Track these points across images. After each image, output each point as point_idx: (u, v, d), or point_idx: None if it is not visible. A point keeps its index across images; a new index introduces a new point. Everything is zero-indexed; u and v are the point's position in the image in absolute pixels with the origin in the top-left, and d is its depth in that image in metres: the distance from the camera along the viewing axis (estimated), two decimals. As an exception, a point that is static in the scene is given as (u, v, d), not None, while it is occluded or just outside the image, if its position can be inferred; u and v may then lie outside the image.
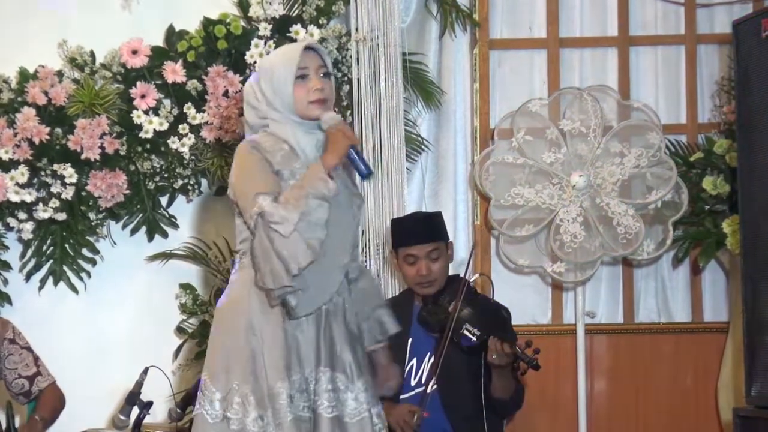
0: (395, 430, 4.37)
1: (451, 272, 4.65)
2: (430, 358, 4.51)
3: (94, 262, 5.30)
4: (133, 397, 4.19)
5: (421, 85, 5.32)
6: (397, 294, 5.01)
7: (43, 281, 5.28)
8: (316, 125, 3.52)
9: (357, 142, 3.52)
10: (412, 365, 4.54)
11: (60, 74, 5.16)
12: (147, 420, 4.24)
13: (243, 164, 3.49)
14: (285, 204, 3.36)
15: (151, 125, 5.07)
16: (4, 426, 4.42)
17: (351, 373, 3.49)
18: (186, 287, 5.25)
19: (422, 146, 5.35)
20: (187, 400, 4.23)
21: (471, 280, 4.50)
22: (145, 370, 4.24)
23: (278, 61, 3.54)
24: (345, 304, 3.56)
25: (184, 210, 5.31)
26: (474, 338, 4.34)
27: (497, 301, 4.65)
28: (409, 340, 4.55)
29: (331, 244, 3.44)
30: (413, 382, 4.54)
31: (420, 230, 4.57)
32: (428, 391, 4.44)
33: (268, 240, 3.35)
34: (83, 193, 5.13)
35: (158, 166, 5.14)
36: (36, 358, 4.52)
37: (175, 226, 5.31)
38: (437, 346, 4.39)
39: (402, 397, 4.48)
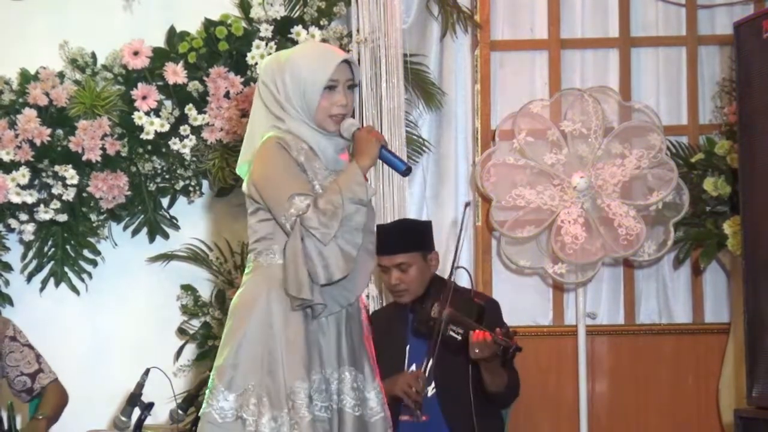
0: (402, 398, 4.32)
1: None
2: (428, 363, 4.49)
3: (95, 264, 5.30)
4: (134, 399, 4.19)
5: (422, 86, 5.32)
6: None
7: (44, 282, 5.28)
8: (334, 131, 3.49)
9: (386, 142, 3.46)
10: (411, 371, 4.50)
11: (61, 75, 5.16)
12: (148, 421, 4.24)
13: (271, 162, 3.39)
14: (324, 209, 3.31)
15: (152, 126, 5.07)
16: (6, 426, 4.42)
17: (369, 372, 3.47)
18: (187, 288, 5.25)
19: (423, 147, 5.35)
20: (188, 401, 4.24)
21: (452, 278, 4.42)
22: (147, 372, 4.24)
23: (310, 64, 3.44)
24: (359, 304, 3.53)
25: (185, 211, 5.31)
26: (459, 337, 4.29)
27: (480, 292, 4.59)
28: (407, 347, 4.54)
29: (362, 248, 3.41)
30: None
31: (389, 242, 4.41)
32: (428, 395, 4.43)
33: (302, 245, 3.31)
34: (84, 195, 5.14)
35: (159, 167, 5.14)
36: (38, 356, 4.52)
37: (176, 227, 5.31)
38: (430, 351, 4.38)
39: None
